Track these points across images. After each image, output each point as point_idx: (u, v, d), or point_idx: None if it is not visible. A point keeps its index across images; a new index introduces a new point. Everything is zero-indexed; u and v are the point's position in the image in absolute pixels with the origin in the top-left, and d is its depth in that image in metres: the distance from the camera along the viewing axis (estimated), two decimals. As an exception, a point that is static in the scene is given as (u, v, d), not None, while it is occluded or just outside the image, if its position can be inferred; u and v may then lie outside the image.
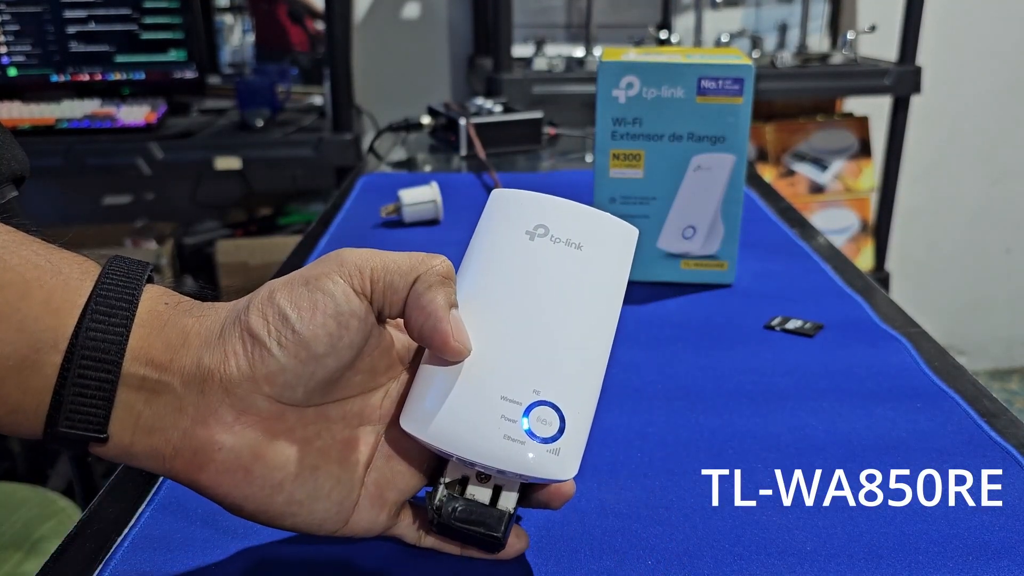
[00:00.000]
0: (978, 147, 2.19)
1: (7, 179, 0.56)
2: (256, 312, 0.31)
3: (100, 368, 0.30)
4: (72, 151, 1.51)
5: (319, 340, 0.31)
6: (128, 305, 0.31)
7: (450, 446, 0.32)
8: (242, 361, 0.30)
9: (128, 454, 0.31)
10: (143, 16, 1.63)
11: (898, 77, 1.70)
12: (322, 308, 0.31)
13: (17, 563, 0.75)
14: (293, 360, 0.31)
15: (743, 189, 0.66)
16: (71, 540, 0.39)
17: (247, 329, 0.31)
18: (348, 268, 0.32)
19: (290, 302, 0.31)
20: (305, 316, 0.31)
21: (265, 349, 0.30)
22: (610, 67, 0.64)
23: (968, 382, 0.53)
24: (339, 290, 0.31)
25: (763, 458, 0.45)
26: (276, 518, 0.32)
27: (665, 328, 0.61)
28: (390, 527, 0.35)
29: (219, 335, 0.31)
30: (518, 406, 0.32)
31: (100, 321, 0.30)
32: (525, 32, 1.85)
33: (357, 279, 0.32)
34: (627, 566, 0.38)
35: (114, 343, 0.30)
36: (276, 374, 0.31)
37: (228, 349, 0.31)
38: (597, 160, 0.66)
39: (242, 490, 0.31)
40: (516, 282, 0.34)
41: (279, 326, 0.31)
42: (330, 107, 1.57)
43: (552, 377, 0.33)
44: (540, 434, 0.32)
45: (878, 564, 0.37)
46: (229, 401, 0.31)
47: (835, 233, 1.97)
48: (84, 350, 0.30)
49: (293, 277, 0.32)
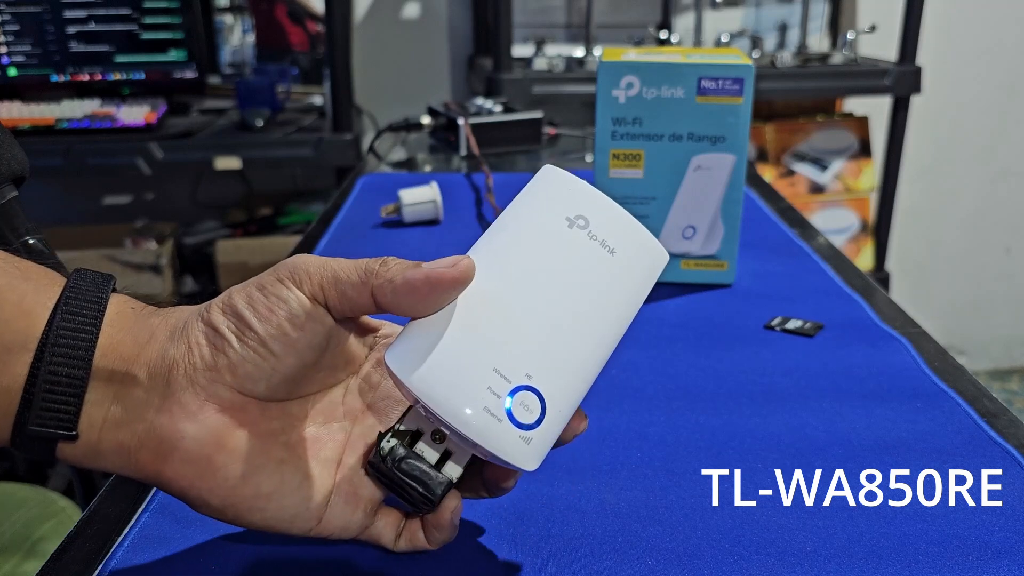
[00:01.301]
0: (978, 147, 2.19)
1: (7, 179, 0.56)
2: (217, 310, 0.32)
3: (71, 364, 0.30)
4: (72, 151, 1.51)
5: (276, 340, 0.31)
6: (97, 306, 0.31)
7: (428, 398, 0.31)
8: (205, 351, 0.31)
9: (94, 452, 0.31)
10: (143, 16, 1.63)
11: (898, 77, 1.70)
12: (277, 311, 0.31)
13: (17, 563, 0.75)
14: (253, 355, 0.31)
15: (743, 189, 0.66)
16: (71, 540, 0.39)
17: (208, 323, 0.32)
18: (298, 273, 0.32)
19: (247, 305, 0.32)
20: (262, 316, 0.31)
21: (226, 341, 0.31)
22: (610, 67, 0.64)
23: (968, 382, 0.53)
24: (292, 296, 0.32)
25: (763, 458, 0.45)
26: (244, 513, 0.32)
27: (665, 328, 0.61)
28: (366, 527, 0.35)
29: (183, 329, 0.32)
30: (507, 383, 0.31)
31: (70, 320, 0.31)
32: (525, 32, 1.85)
33: (307, 284, 0.32)
34: (627, 566, 0.38)
35: (84, 340, 0.31)
36: (237, 365, 0.31)
37: (191, 341, 0.31)
38: (597, 160, 0.66)
39: (207, 481, 0.31)
40: (542, 263, 0.33)
41: (238, 324, 0.31)
42: (330, 107, 1.57)
43: (548, 367, 0.32)
44: (519, 418, 0.31)
45: (878, 564, 0.37)
46: (192, 390, 0.31)
47: (835, 233, 1.97)
48: (55, 347, 0.30)
49: (249, 282, 0.33)
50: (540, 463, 0.32)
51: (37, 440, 0.31)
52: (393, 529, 0.36)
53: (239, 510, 0.32)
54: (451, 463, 0.34)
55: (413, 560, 0.38)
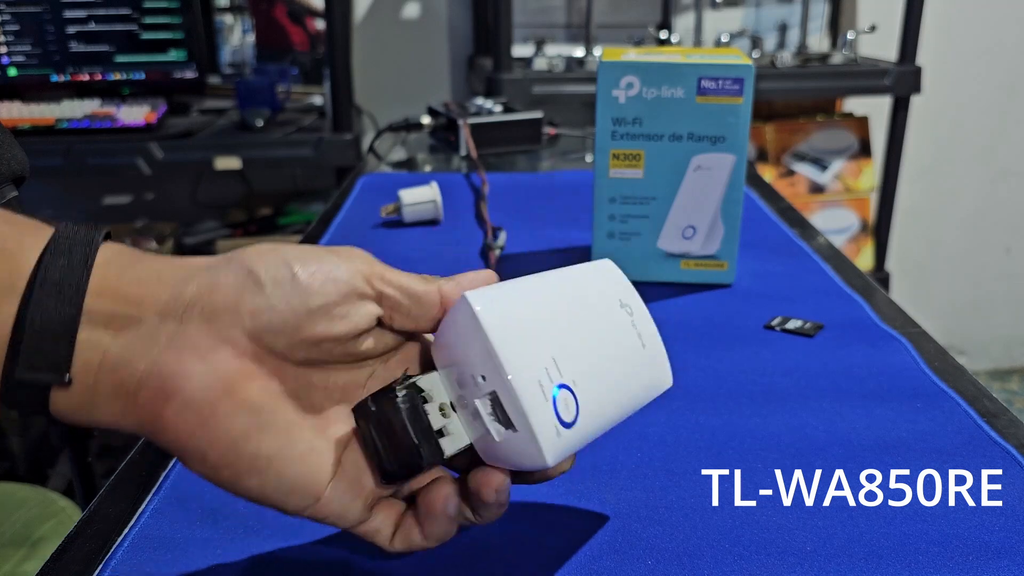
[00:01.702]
0: (978, 147, 2.19)
1: (7, 179, 0.56)
2: (255, 253, 0.30)
3: (62, 303, 0.28)
4: (72, 151, 1.51)
5: (316, 294, 0.30)
6: (87, 247, 0.29)
7: (496, 339, 0.30)
8: (230, 291, 0.29)
9: (89, 399, 0.29)
10: (143, 16, 1.62)
11: (898, 77, 1.70)
12: (328, 269, 0.30)
13: (17, 563, 0.75)
14: (284, 304, 0.29)
15: (743, 189, 0.66)
16: (71, 540, 0.39)
17: (242, 264, 0.30)
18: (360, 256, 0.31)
19: (296, 256, 0.30)
20: (310, 268, 0.30)
21: (258, 284, 0.29)
22: (610, 67, 0.64)
23: (968, 382, 0.53)
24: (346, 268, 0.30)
25: (763, 458, 0.45)
26: (242, 475, 0.30)
27: (665, 328, 0.61)
28: (363, 521, 0.33)
29: (205, 270, 0.30)
30: (559, 375, 0.32)
31: (60, 259, 0.29)
32: (525, 32, 1.85)
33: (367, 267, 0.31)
34: (627, 566, 0.38)
35: (75, 278, 0.28)
36: (263, 311, 0.29)
37: (216, 281, 0.29)
38: (597, 160, 0.66)
39: (208, 431, 0.29)
40: (595, 316, 0.35)
41: (279, 268, 0.30)
42: (330, 107, 1.57)
43: (588, 388, 0.33)
44: (559, 411, 0.31)
45: (878, 564, 0.37)
46: (207, 329, 0.29)
47: (835, 233, 1.97)
48: (43, 286, 0.28)
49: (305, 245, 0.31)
50: (555, 461, 0.32)
51: (28, 388, 0.29)
52: (390, 527, 0.33)
53: (237, 471, 0.30)
54: (447, 440, 0.33)
55: (412, 561, 0.38)
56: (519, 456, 0.32)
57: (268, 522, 0.40)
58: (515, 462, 0.32)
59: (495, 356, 0.31)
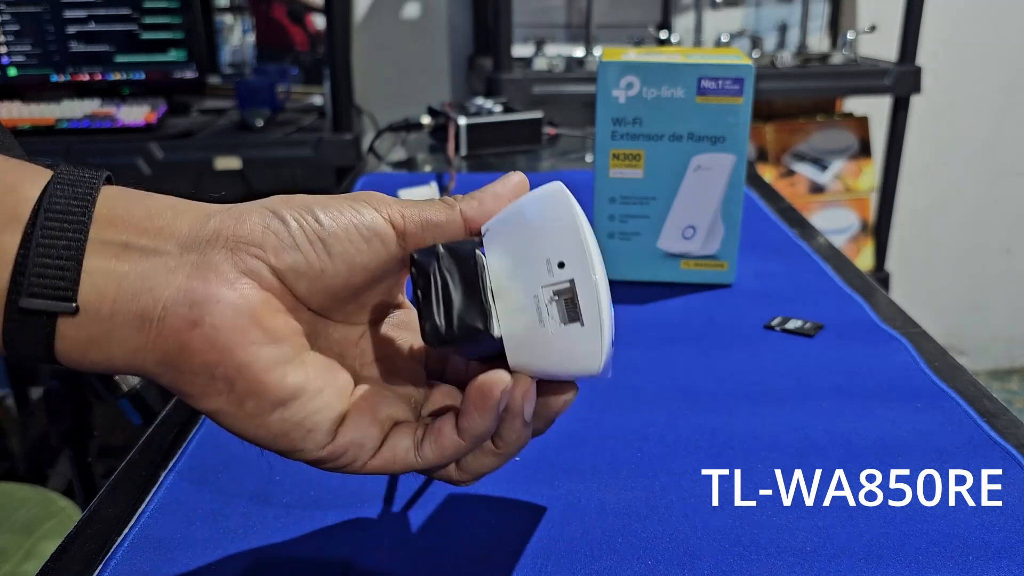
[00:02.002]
0: (978, 147, 2.19)
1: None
2: (280, 200, 0.30)
3: (66, 228, 0.28)
4: (72, 151, 1.51)
5: (340, 241, 0.30)
6: (94, 177, 0.29)
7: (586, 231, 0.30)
8: (256, 228, 0.29)
9: (105, 331, 0.28)
10: (143, 16, 1.62)
11: (898, 77, 1.70)
12: (348, 215, 0.30)
13: (17, 563, 0.75)
14: (308, 246, 0.29)
15: (743, 189, 0.66)
16: (71, 540, 0.39)
17: (268, 207, 0.30)
18: (379, 199, 0.31)
19: (318, 203, 0.30)
20: (332, 214, 0.30)
21: (284, 225, 0.29)
22: (610, 67, 0.64)
23: (968, 382, 0.53)
24: (368, 211, 0.31)
25: (763, 458, 0.45)
26: (266, 408, 0.29)
27: (665, 328, 0.62)
28: (382, 442, 0.32)
29: (228, 209, 0.30)
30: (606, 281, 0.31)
31: (65, 190, 0.28)
32: (525, 32, 1.85)
33: (387, 209, 0.31)
34: (627, 566, 0.38)
35: (80, 205, 0.28)
36: (287, 250, 0.29)
37: (242, 218, 0.29)
38: (597, 160, 0.66)
39: (235, 359, 0.28)
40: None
41: (304, 215, 0.30)
42: (330, 107, 1.57)
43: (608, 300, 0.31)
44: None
45: (878, 564, 0.37)
46: (233, 260, 0.29)
47: (835, 233, 1.97)
48: (48, 213, 0.27)
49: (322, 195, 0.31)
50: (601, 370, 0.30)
51: (32, 320, 0.27)
52: (409, 440, 0.32)
53: (262, 402, 0.29)
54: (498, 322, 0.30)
55: (413, 560, 0.38)
56: (568, 356, 0.30)
57: (268, 522, 0.40)
58: (556, 364, 0.30)
59: (585, 247, 0.29)
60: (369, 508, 0.42)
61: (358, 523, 0.40)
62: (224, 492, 0.42)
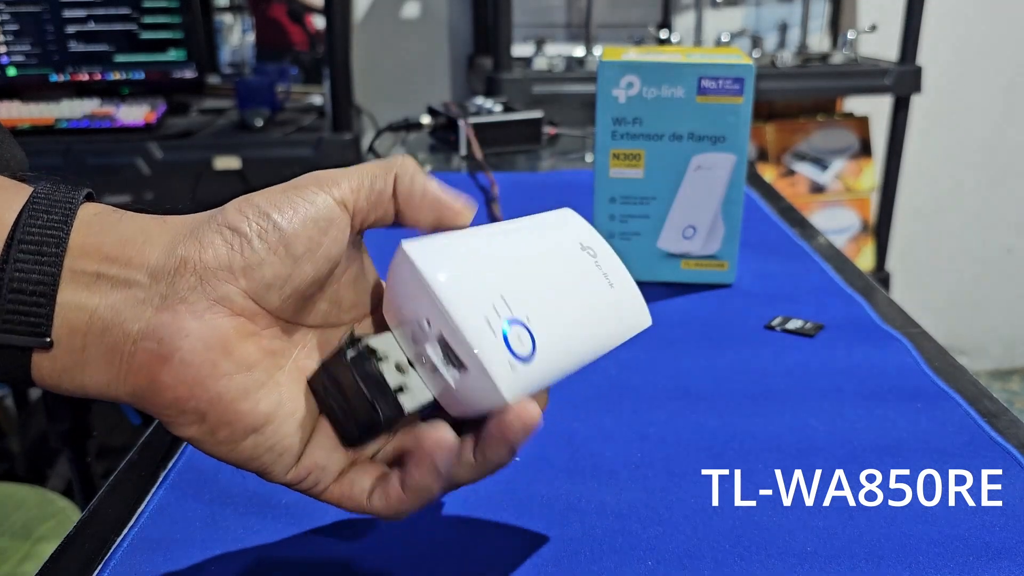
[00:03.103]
0: (979, 147, 2.19)
1: (6, 179, 0.56)
2: (234, 210, 0.30)
3: (41, 261, 0.28)
4: (71, 151, 1.51)
5: (300, 239, 0.30)
6: (69, 204, 0.29)
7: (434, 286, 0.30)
8: (221, 251, 0.29)
9: (78, 362, 0.28)
10: (142, 16, 1.62)
11: (898, 77, 1.70)
12: (303, 211, 0.30)
13: (17, 563, 0.75)
14: (273, 256, 0.29)
15: (743, 189, 0.66)
16: (70, 540, 0.39)
17: (227, 224, 0.29)
18: (324, 180, 0.31)
19: (271, 204, 0.30)
20: (287, 215, 0.30)
21: (246, 241, 0.29)
22: (610, 67, 0.63)
23: (969, 382, 0.53)
24: (319, 199, 0.30)
25: (763, 458, 0.45)
26: (238, 434, 0.30)
27: (665, 328, 0.61)
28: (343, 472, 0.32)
29: (190, 233, 0.29)
30: (508, 311, 0.31)
31: (40, 217, 0.28)
32: (525, 32, 1.85)
33: (337, 190, 0.31)
34: (627, 566, 0.38)
35: (54, 236, 0.28)
36: (255, 267, 0.29)
37: (205, 241, 0.29)
38: (597, 160, 0.66)
39: (206, 391, 0.29)
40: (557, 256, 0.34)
41: (261, 221, 0.29)
42: (330, 107, 1.57)
43: (546, 323, 0.32)
44: (512, 345, 0.30)
45: (878, 564, 0.37)
46: (201, 289, 0.28)
47: (835, 233, 1.97)
48: (22, 244, 0.27)
49: (268, 189, 0.31)
50: (519, 397, 0.30)
51: (7, 352, 0.28)
52: (369, 481, 0.32)
53: (235, 430, 0.29)
54: (406, 396, 0.32)
55: (413, 560, 0.38)
56: (479, 398, 0.30)
57: (268, 522, 0.40)
58: (477, 406, 0.31)
59: (434, 295, 0.30)
60: (369, 508, 0.41)
61: (358, 523, 0.40)
62: (224, 492, 0.42)
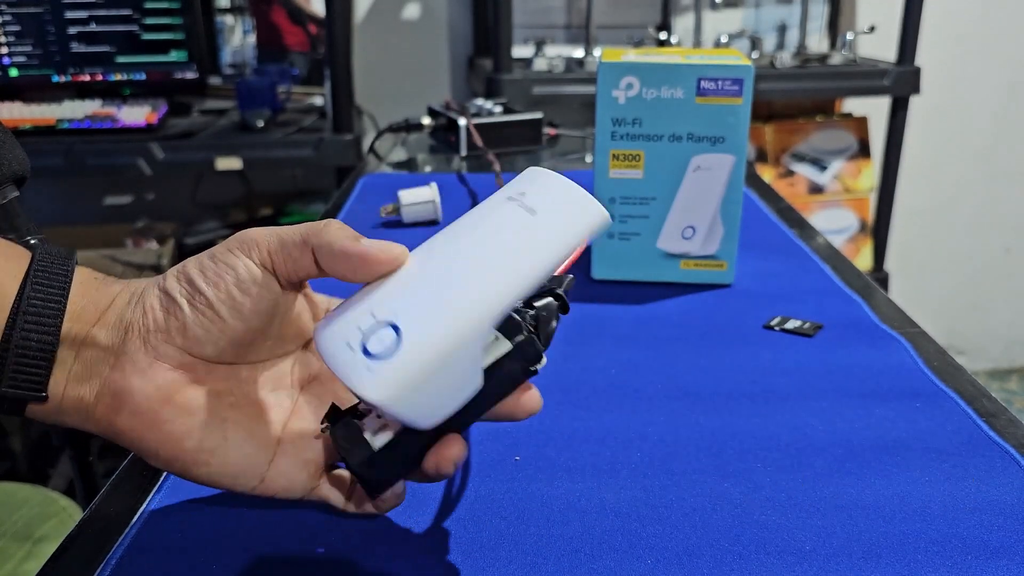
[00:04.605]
0: (978, 147, 2.19)
1: (8, 179, 0.56)
2: (172, 277, 0.35)
3: (41, 331, 0.33)
4: (73, 151, 1.51)
5: (224, 304, 0.34)
6: (64, 277, 0.34)
7: (319, 345, 0.33)
8: (158, 314, 0.34)
9: (58, 409, 0.34)
10: (144, 17, 1.63)
11: (897, 77, 1.70)
12: (224, 277, 0.34)
13: (18, 563, 0.75)
14: (201, 318, 0.34)
15: (743, 189, 0.66)
16: (72, 540, 0.39)
17: (163, 289, 0.34)
18: (247, 243, 0.34)
19: (199, 272, 0.34)
20: (211, 282, 0.34)
21: (177, 305, 0.34)
22: (610, 68, 0.64)
23: (967, 382, 0.53)
24: (240, 263, 0.34)
25: (763, 458, 0.46)
26: (190, 467, 0.35)
27: (665, 328, 0.62)
28: (312, 488, 0.37)
29: (140, 295, 0.35)
30: (371, 320, 0.32)
31: (40, 291, 0.33)
32: (525, 32, 1.85)
33: (256, 252, 0.34)
34: (627, 566, 0.38)
35: (54, 308, 0.33)
36: (187, 328, 0.34)
37: (147, 305, 0.34)
38: (597, 160, 0.67)
39: (154, 433, 0.34)
40: (461, 228, 0.35)
41: (189, 289, 0.34)
42: (330, 107, 1.57)
43: (420, 308, 0.32)
44: (371, 349, 0.31)
45: (877, 564, 0.38)
46: (144, 349, 0.33)
47: (834, 233, 1.97)
48: (26, 315, 0.32)
49: (203, 253, 0.35)
50: (389, 394, 0.31)
51: (9, 401, 0.33)
52: (342, 490, 0.38)
53: (185, 463, 0.34)
54: (380, 435, 0.35)
55: (413, 560, 0.38)
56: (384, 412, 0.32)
57: (268, 522, 0.40)
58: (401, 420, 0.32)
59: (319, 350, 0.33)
60: (370, 508, 0.42)
61: (358, 524, 0.40)
62: (224, 492, 0.42)
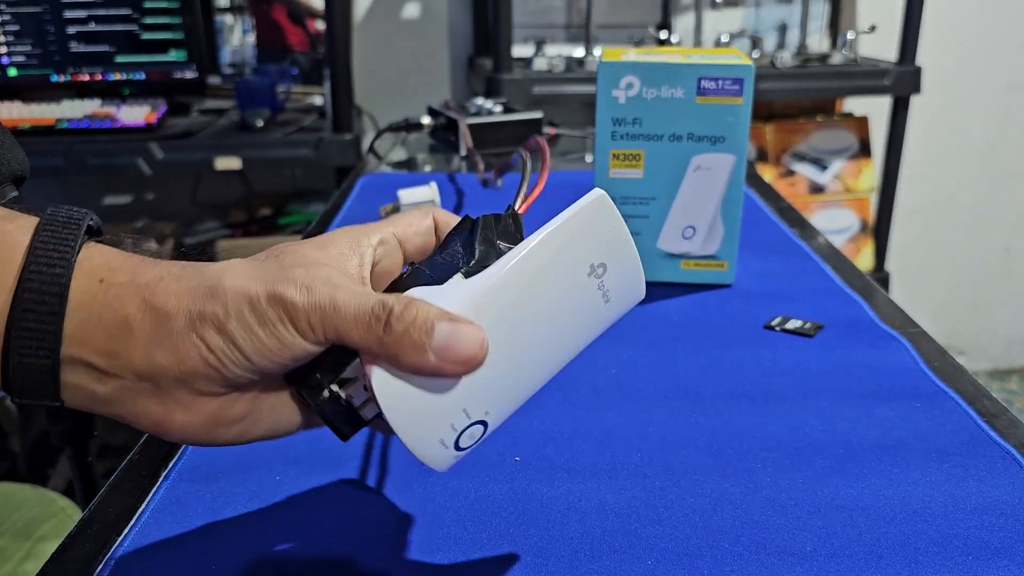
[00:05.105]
0: (977, 147, 2.19)
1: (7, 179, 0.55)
2: (211, 329, 0.31)
3: (39, 355, 0.31)
4: (72, 151, 1.51)
5: (266, 362, 0.32)
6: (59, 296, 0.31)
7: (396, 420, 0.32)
8: (197, 364, 0.32)
9: (90, 409, 0.33)
10: (143, 16, 1.63)
11: (898, 77, 1.70)
12: (270, 344, 0.32)
13: (17, 563, 0.75)
14: (242, 372, 0.32)
15: (743, 189, 0.66)
16: (71, 540, 0.39)
17: (203, 339, 0.31)
18: (301, 318, 0.32)
19: (244, 334, 0.31)
20: (256, 346, 0.32)
21: (220, 360, 0.32)
22: (610, 67, 0.64)
23: (968, 382, 0.53)
24: (288, 335, 0.32)
25: (763, 458, 0.45)
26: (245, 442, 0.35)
27: (665, 328, 0.62)
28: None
29: (170, 335, 0.31)
30: (466, 419, 0.33)
31: (31, 310, 0.30)
32: (525, 32, 1.85)
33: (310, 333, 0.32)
34: (627, 566, 0.38)
35: (48, 332, 0.31)
36: (228, 378, 0.32)
37: (182, 353, 0.31)
38: (597, 160, 0.66)
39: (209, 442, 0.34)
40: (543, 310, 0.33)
41: (231, 349, 0.32)
42: (330, 107, 1.57)
43: (504, 401, 0.33)
44: (462, 444, 0.33)
45: (878, 564, 0.37)
46: (185, 388, 0.32)
47: (835, 233, 1.97)
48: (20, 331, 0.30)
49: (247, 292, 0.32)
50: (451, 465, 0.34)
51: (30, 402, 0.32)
52: None
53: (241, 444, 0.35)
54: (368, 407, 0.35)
55: (413, 560, 0.38)
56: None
57: (268, 521, 0.40)
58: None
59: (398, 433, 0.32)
60: (369, 508, 0.42)
61: (358, 523, 0.40)
62: (224, 492, 0.43)
